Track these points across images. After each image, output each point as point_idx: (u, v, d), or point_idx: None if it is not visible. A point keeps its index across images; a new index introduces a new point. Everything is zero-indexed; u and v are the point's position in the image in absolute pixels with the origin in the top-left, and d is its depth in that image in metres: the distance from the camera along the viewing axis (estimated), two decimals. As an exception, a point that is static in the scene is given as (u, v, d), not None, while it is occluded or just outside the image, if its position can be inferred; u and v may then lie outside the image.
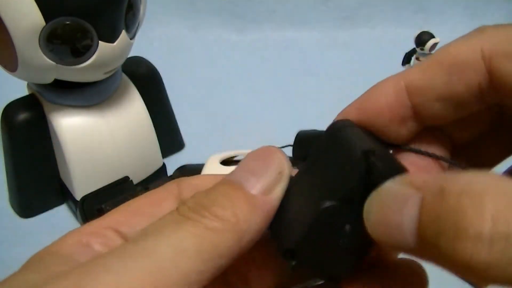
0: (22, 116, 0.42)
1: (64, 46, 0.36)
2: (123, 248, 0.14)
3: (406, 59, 0.65)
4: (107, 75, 0.41)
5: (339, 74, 0.68)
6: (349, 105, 0.19)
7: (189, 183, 0.18)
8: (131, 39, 0.41)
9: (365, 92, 0.18)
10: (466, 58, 0.16)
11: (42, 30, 0.35)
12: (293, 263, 0.16)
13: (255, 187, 0.16)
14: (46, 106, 0.42)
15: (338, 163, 0.16)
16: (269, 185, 0.16)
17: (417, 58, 0.63)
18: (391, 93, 0.17)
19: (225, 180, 0.16)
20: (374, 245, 0.17)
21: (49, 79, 0.39)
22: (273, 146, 0.17)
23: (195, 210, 0.15)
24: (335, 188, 0.16)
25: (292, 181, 0.17)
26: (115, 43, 0.38)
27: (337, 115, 0.19)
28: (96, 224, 0.17)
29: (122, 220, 0.18)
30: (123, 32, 0.39)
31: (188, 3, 0.74)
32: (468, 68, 0.16)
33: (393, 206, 0.14)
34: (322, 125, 0.54)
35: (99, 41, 0.37)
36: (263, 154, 0.17)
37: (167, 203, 0.17)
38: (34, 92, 0.43)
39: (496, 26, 0.16)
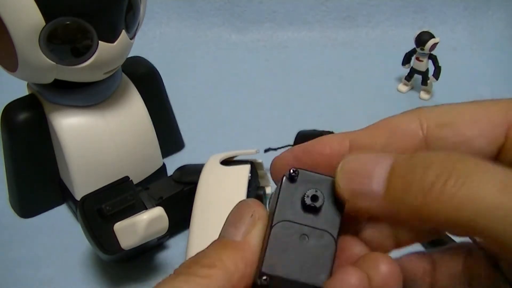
0: (22, 116, 0.42)
1: (64, 46, 0.36)
2: None
3: (406, 59, 0.65)
4: (107, 75, 0.41)
5: (339, 74, 0.68)
6: (293, 148, 0.21)
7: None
8: (131, 39, 0.41)
9: (311, 141, 0.21)
10: (406, 126, 0.20)
11: (42, 30, 0.35)
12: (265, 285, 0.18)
13: (235, 234, 0.18)
14: (46, 106, 0.42)
15: (275, 194, 0.19)
16: (245, 230, 0.19)
17: (417, 58, 0.63)
18: (336, 144, 0.20)
19: (216, 239, 0.19)
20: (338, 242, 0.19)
21: (49, 79, 0.39)
22: (247, 199, 0.20)
23: (188, 266, 0.18)
24: (273, 210, 0.19)
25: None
26: (115, 43, 0.38)
27: (280, 154, 0.21)
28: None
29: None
30: (123, 32, 0.39)
31: (188, 3, 0.74)
32: (406, 134, 0.20)
33: (367, 166, 0.18)
34: (322, 125, 0.55)
35: (99, 41, 0.37)
36: (236, 208, 0.19)
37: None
38: (34, 92, 0.43)
39: (432, 106, 0.20)
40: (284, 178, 0.19)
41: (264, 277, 0.18)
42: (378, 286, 0.17)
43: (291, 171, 0.19)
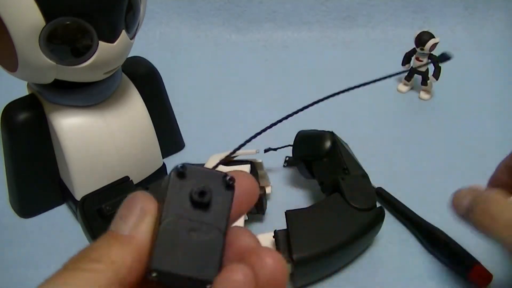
0: (22, 116, 0.42)
1: (64, 46, 0.36)
2: None
3: (406, 59, 0.65)
4: (107, 75, 0.41)
5: (339, 74, 0.68)
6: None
7: None
8: (131, 39, 0.41)
9: None
10: None
11: (42, 30, 0.35)
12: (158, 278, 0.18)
13: (123, 228, 0.18)
14: (46, 106, 0.42)
15: (164, 189, 0.20)
16: (134, 223, 0.19)
17: (417, 58, 0.63)
18: None
19: (105, 234, 0.19)
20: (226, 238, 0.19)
21: (49, 79, 0.39)
22: (137, 192, 0.20)
23: (75, 260, 0.18)
24: (163, 209, 0.19)
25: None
26: (115, 43, 0.38)
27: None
28: None
29: None
30: (123, 32, 0.39)
31: (188, 3, 0.74)
32: None
33: None
34: (322, 125, 0.55)
35: (99, 41, 0.37)
36: (125, 201, 0.19)
37: None
38: (34, 92, 0.43)
39: None
40: (172, 173, 0.19)
41: (154, 274, 0.18)
42: (265, 280, 0.18)
43: (179, 166, 0.19)
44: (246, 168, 0.44)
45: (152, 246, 0.18)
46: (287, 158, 0.52)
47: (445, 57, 0.25)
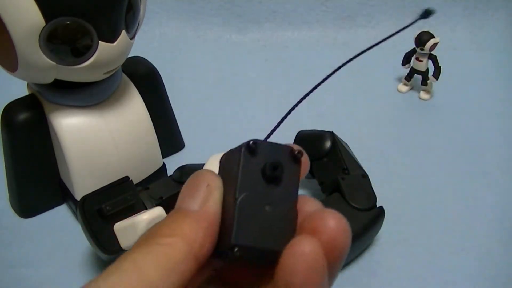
0: (22, 116, 0.42)
1: (64, 46, 0.36)
2: (104, 273, 0.16)
3: (406, 59, 0.65)
4: (107, 75, 0.41)
5: (339, 74, 0.68)
6: None
7: None
8: (131, 39, 0.41)
9: None
10: None
11: (42, 30, 0.35)
12: (239, 256, 0.18)
13: (192, 205, 0.19)
14: (46, 106, 0.42)
15: (233, 165, 0.20)
16: (202, 199, 0.19)
17: (417, 58, 0.63)
18: None
19: (172, 211, 0.19)
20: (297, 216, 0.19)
21: (49, 79, 0.39)
22: (201, 170, 0.20)
23: (148, 236, 0.18)
24: (236, 183, 0.19)
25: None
26: (115, 43, 0.38)
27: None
28: None
29: None
30: (123, 32, 0.39)
31: (188, 3, 0.74)
32: None
33: None
34: (322, 125, 0.55)
35: (99, 41, 0.37)
36: (191, 179, 0.20)
37: None
38: (34, 92, 0.43)
39: None
40: (243, 150, 0.19)
41: (236, 249, 0.18)
42: (329, 242, 0.18)
43: (251, 142, 0.19)
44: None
45: (229, 222, 0.18)
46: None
47: (428, 13, 0.25)
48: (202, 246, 0.18)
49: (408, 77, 0.65)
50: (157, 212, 0.36)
